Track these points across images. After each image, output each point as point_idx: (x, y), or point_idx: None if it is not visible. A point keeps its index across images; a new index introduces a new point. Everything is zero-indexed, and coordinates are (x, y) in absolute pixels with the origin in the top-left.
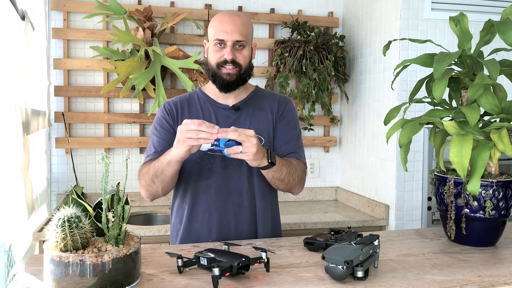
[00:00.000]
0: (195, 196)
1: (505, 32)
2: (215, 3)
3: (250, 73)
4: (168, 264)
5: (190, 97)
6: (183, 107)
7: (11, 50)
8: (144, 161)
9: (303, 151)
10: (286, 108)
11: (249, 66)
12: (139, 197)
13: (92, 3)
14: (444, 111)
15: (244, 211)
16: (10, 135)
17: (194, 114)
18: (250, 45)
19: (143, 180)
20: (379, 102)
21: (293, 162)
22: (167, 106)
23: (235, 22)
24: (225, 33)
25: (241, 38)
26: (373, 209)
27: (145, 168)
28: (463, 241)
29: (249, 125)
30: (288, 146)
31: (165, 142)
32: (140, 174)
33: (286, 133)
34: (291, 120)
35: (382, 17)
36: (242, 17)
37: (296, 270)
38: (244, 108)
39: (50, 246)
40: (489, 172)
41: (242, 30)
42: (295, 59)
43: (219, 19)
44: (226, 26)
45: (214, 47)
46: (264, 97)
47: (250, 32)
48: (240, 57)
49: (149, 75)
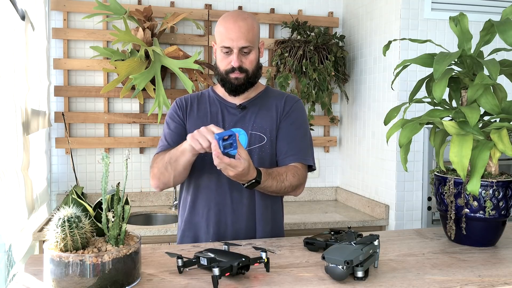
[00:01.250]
0: (197, 190)
1: (505, 32)
2: (215, 3)
3: (258, 74)
4: (168, 264)
5: (201, 95)
6: (193, 104)
7: (11, 50)
8: (156, 152)
9: (309, 151)
10: (293, 107)
11: (256, 68)
12: (139, 197)
13: (92, 3)
14: (444, 111)
15: (242, 209)
16: (10, 135)
17: (202, 111)
18: (257, 47)
19: (156, 167)
20: (379, 102)
21: (285, 171)
22: (179, 101)
23: (240, 28)
24: (230, 40)
25: (247, 44)
26: (373, 209)
27: (160, 157)
28: (463, 241)
29: (253, 124)
30: (289, 147)
31: (176, 135)
32: (154, 163)
33: (289, 133)
34: (297, 120)
35: (382, 17)
36: (247, 20)
37: (296, 270)
38: (250, 107)
39: (50, 246)
40: (489, 172)
41: (248, 35)
42: (295, 59)
43: (224, 25)
44: (232, 33)
45: (221, 54)
46: (271, 97)
47: (256, 34)
48: (247, 62)
49: (149, 75)
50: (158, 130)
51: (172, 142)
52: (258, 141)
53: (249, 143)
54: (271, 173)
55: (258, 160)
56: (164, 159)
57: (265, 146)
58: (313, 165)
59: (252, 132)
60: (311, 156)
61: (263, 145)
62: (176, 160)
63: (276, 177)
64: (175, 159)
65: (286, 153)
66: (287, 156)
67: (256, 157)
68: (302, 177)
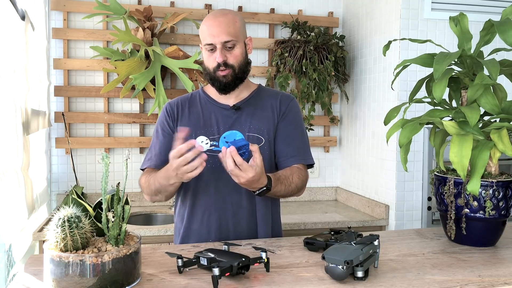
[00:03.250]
0: (195, 196)
1: (505, 32)
2: (215, 3)
3: (246, 70)
4: (168, 264)
5: (192, 97)
6: (183, 108)
7: (11, 50)
8: (143, 166)
9: (308, 150)
10: (289, 106)
11: (244, 63)
12: (139, 197)
13: (92, 3)
14: (444, 111)
15: (243, 211)
16: (10, 135)
17: (194, 115)
18: (242, 41)
19: (147, 189)
20: (379, 102)
21: (290, 174)
22: (168, 107)
23: (220, 23)
24: (212, 37)
25: (229, 38)
26: (373, 209)
27: (146, 183)
28: (463, 241)
29: (249, 125)
30: (290, 149)
31: (164, 145)
32: (142, 185)
33: (288, 134)
34: (294, 119)
35: (382, 17)
36: (228, 15)
37: (296, 270)
38: (244, 108)
39: (50, 246)
40: (489, 172)
41: (229, 29)
42: (295, 59)
43: (206, 23)
44: (212, 29)
45: (206, 52)
46: (265, 96)
47: (238, 28)
48: (231, 57)
49: (149, 75)
50: None
51: (159, 155)
52: (256, 143)
53: None
54: (279, 177)
55: None
56: (154, 185)
57: (263, 148)
58: (313, 163)
59: (249, 134)
60: (310, 154)
61: (261, 146)
62: (166, 189)
63: (284, 181)
64: (164, 190)
65: (287, 155)
66: (288, 158)
67: None
68: (305, 178)
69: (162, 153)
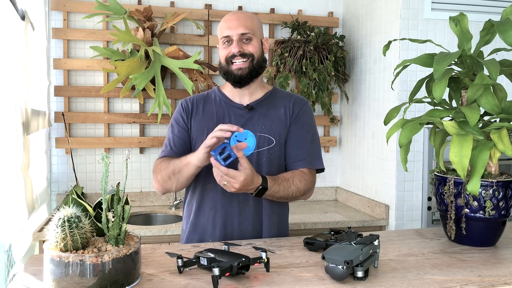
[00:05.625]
0: (203, 193)
1: (505, 32)
2: (215, 3)
3: (262, 65)
4: (168, 264)
5: (207, 96)
6: (198, 105)
7: (11, 50)
8: (159, 157)
9: (318, 155)
10: (302, 110)
11: (261, 57)
12: (139, 197)
13: (92, 3)
14: (444, 111)
15: (249, 210)
16: (10, 135)
17: (208, 112)
18: (258, 38)
19: (159, 175)
20: (379, 102)
21: (291, 176)
22: (184, 103)
23: (238, 17)
24: (229, 29)
25: (246, 30)
26: (373, 209)
27: (163, 164)
28: (463, 241)
29: (261, 126)
30: (299, 151)
31: (179, 140)
32: (156, 168)
33: (299, 137)
34: (306, 123)
35: (382, 17)
36: (247, 12)
37: (296, 270)
38: (258, 108)
39: (50, 246)
40: (489, 172)
41: (246, 23)
42: (295, 59)
43: (224, 19)
44: (230, 22)
45: (223, 45)
46: (279, 98)
47: (256, 25)
48: (250, 47)
49: (149, 75)
50: (158, 130)
51: (175, 147)
52: (267, 144)
53: (258, 145)
54: (276, 178)
55: (267, 162)
56: (168, 169)
57: (273, 149)
58: (323, 168)
59: (260, 134)
60: (320, 159)
61: (271, 147)
62: (180, 171)
63: (282, 182)
64: (178, 171)
65: (295, 158)
66: (296, 161)
67: (264, 160)
68: (310, 181)
69: (176, 146)
